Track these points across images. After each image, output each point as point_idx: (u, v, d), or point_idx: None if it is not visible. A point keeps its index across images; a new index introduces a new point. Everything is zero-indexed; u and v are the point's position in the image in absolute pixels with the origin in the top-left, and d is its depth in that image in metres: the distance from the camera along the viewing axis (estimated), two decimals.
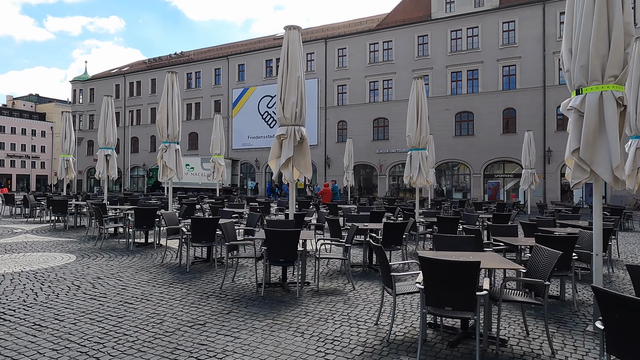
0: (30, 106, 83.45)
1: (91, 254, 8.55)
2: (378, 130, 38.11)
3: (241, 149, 44.69)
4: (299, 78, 7.71)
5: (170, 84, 11.09)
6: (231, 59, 45.97)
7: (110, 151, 14.00)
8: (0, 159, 67.07)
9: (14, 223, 14.02)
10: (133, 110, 51.93)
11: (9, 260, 7.72)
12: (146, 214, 9.01)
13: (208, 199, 18.74)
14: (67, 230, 12.19)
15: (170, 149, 10.90)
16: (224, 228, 6.22)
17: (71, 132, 17.66)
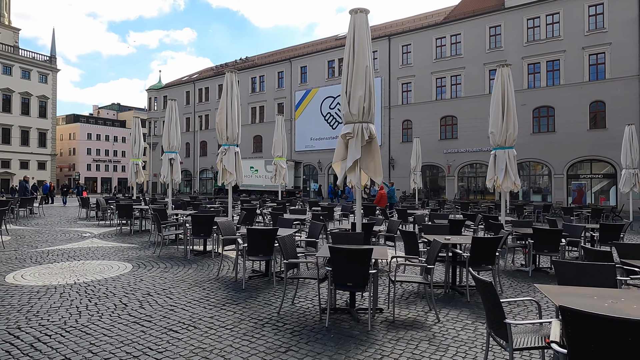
0: (112, 114, 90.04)
1: (148, 262, 8.10)
2: (445, 129, 35.90)
3: (304, 151, 44.40)
4: (367, 68, 6.64)
5: (230, 84, 10.51)
6: (294, 62, 45.88)
7: (174, 155, 13.82)
8: (87, 163, 72.77)
9: (86, 226, 14.31)
10: (202, 115, 53.70)
11: (67, 269, 7.42)
12: (203, 222, 8.41)
13: (270, 202, 18.21)
14: (132, 235, 12.08)
15: (229, 152, 10.32)
16: (282, 243, 5.31)
17: (140, 137, 17.97)
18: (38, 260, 8.13)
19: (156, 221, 9.00)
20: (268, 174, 36.77)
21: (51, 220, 16.24)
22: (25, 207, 16.85)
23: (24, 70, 56.83)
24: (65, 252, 9.18)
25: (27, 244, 10.15)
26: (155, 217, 8.99)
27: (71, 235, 11.95)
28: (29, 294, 5.80)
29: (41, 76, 58.84)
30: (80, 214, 18.41)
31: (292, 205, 16.28)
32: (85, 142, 72.80)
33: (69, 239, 11.10)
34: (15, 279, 6.62)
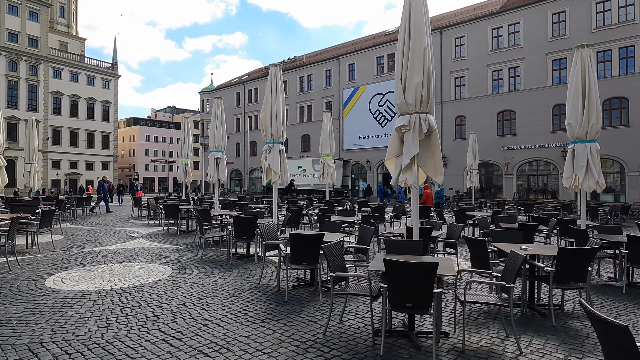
0: (168, 117, 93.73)
1: (188, 266, 7.66)
2: (503, 124, 33.65)
3: (352, 150, 43.53)
4: (425, 51, 5.75)
5: (274, 79, 9.93)
6: (342, 59, 45.10)
7: (220, 154, 13.53)
8: (146, 164, 76.17)
9: (136, 226, 14.36)
10: (251, 116, 54.29)
11: (107, 272, 7.13)
12: (245, 224, 7.86)
13: (318, 202, 17.56)
14: (178, 235, 11.86)
15: (274, 150, 9.75)
16: (329, 253, 4.57)
17: (190, 137, 17.97)
18: (82, 262, 7.94)
19: (198, 223, 8.59)
20: (316, 173, 36.27)
21: (105, 220, 16.57)
22: (83, 206, 17.32)
23: (89, 77, 60.23)
24: (110, 253, 8.99)
25: (76, 244, 10.14)
26: (198, 219, 8.58)
27: (120, 235, 11.92)
28: (63, 300, 5.47)
29: (104, 82, 62.14)
30: (133, 214, 18.75)
31: (340, 206, 15.55)
32: (143, 143, 76.25)
33: (117, 239, 11.04)
34: (55, 282, 6.37)
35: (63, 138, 56.63)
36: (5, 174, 12.44)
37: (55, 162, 55.79)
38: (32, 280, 6.52)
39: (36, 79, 53.76)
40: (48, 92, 54.91)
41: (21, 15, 52.45)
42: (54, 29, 59.86)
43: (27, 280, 6.49)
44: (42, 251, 9.05)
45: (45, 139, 54.47)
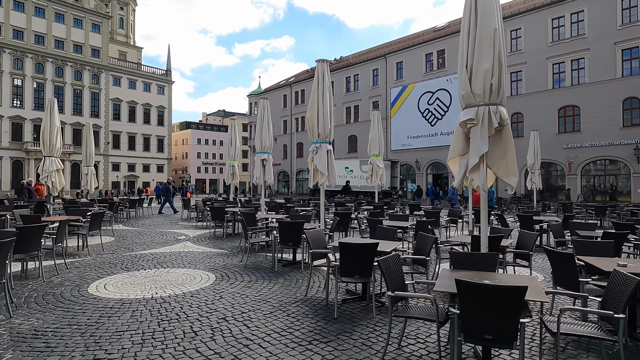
0: (218, 120, 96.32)
1: (232, 273, 7.25)
2: (565, 121, 31.22)
3: (400, 150, 42.28)
4: (495, 32, 4.93)
5: (321, 75, 9.36)
6: (389, 58, 43.99)
7: (266, 155, 13.19)
8: (197, 166, 78.63)
9: (185, 228, 14.35)
10: (298, 117, 54.35)
11: (150, 278, 6.86)
12: (291, 230, 7.35)
13: (366, 205, 16.83)
14: (224, 239, 11.60)
15: (321, 150, 9.18)
16: (385, 267, 3.91)
17: (237, 139, 17.83)
18: (127, 267, 7.77)
19: (243, 227, 8.19)
20: (363, 174, 35.46)
21: (156, 221, 16.79)
22: (135, 207, 17.70)
23: (146, 84, 63.00)
24: (156, 256, 8.81)
25: (125, 247, 10.11)
26: (242, 223, 8.18)
27: (167, 237, 11.85)
28: (102, 310, 5.18)
29: (159, 88, 64.77)
30: (182, 215, 18.94)
31: (390, 209, 14.74)
32: (195, 146, 78.77)
33: (164, 242, 10.93)
34: (98, 289, 6.15)
35: (122, 142, 59.54)
36: (62, 176, 12.79)
37: (115, 165, 58.74)
38: (76, 285, 6.36)
39: (98, 87, 56.90)
40: (109, 99, 57.97)
41: (85, 27, 55.74)
42: (113, 39, 63.20)
43: (71, 286, 6.33)
44: (91, 254, 9.04)
45: (106, 143, 57.53)
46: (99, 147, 56.69)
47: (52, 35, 52.63)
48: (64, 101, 53.05)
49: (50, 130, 12.46)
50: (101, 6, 58.32)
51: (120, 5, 66.24)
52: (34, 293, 5.94)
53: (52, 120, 12.50)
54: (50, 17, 52.47)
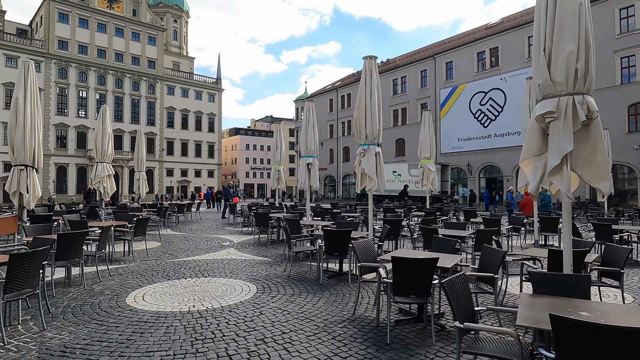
0: (266, 126, 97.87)
1: (274, 285, 6.76)
2: (636, 119, 28.42)
3: (451, 153, 40.50)
4: (581, 7, 4.10)
5: (369, 73, 8.74)
6: (438, 58, 42.43)
7: (311, 159, 12.72)
8: (246, 171, 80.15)
9: (230, 233, 14.16)
10: (344, 121, 53.83)
11: (189, 288, 6.52)
12: (337, 239, 6.75)
13: (416, 210, 15.89)
14: (268, 245, 11.21)
15: (369, 153, 8.54)
16: (451, 291, 3.20)
17: (282, 143, 17.55)
18: (169, 275, 7.50)
19: (286, 235, 7.69)
20: (412, 179, 34.27)
21: (203, 226, 16.80)
22: (184, 212, 17.84)
23: (197, 92, 65.09)
24: (199, 264, 8.53)
25: (169, 252, 9.95)
26: (286, 230, 7.68)
27: (212, 243, 11.64)
28: (136, 324, 4.84)
29: (210, 96, 66.69)
30: (229, 220, 18.89)
31: (443, 215, 13.75)
32: (244, 152, 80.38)
33: (208, 248, 10.70)
34: (136, 300, 5.87)
35: (175, 149, 61.76)
36: (113, 181, 13.00)
37: (169, 171, 61.00)
38: (115, 295, 6.12)
39: (154, 96, 59.47)
40: (163, 108, 60.41)
41: (142, 40, 58.52)
42: (168, 50, 65.93)
43: (110, 295, 6.10)
44: (136, 260, 8.91)
45: (161, 150, 59.92)
46: (154, 153, 59.15)
47: (113, 49, 55.67)
48: (123, 111, 55.89)
49: (102, 136, 12.71)
50: (157, 20, 61.05)
51: (174, 18, 69.10)
52: (72, 302, 5.75)
53: (103, 127, 12.75)
54: (111, 32, 55.54)
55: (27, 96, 8.20)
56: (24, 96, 8.18)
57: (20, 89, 8.19)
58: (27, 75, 8.30)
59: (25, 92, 8.21)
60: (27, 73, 8.32)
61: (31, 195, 8.15)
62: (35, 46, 49.95)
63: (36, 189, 8.29)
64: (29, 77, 8.31)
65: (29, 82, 8.30)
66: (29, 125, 8.17)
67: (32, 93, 8.30)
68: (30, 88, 8.30)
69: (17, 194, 8.09)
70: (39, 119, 8.41)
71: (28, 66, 8.37)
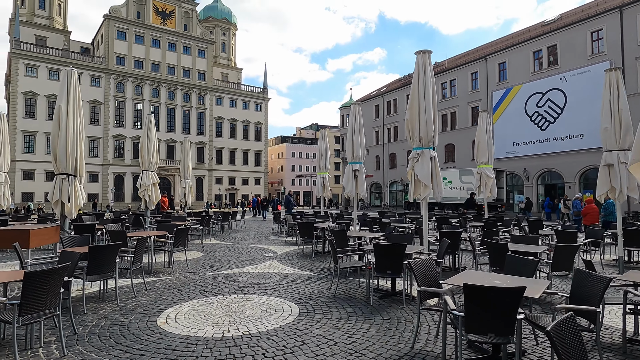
0: (311, 134, 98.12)
1: (319, 306, 6.00)
2: None
3: (505, 158, 38.08)
4: None
5: (422, 69, 7.85)
6: (490, 59, 40.31)
7: (358, 166, 11.93)
8: (292, 178, 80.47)
9: (274, 243, 13.60)
10: (390, 127, 52.55)
11: (226, 307, 5.90)
12: (389, 255, 5.89)
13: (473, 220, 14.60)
14: (313, 257, 10.48)
15: (423, 158, 7.62)
16: (559, 339, 2.29)
17: (327, 149, 16.88)
18: (206, 290, 6.95)
19: (332, 248, 6.93)
20: (463, 185, 32.49)
21: (247, 235, 16.40)
22: (228, 221, 17.58)
23: (244, 102, 66.33)
24: (239, 278, 7.95)
25: (210, 264, 9.48)
26: (331, 244, 6.92)
27: (254, 254, 11.09)
28: (162, 353, 4.25)
29: (257, 105, 67.73)
30: (273, 229, 18.42)
31: (503, 225, 12.40)
32: (290, 159, 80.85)
33: (251, 260, 10.14)
34: (167, 321, 5.32)
35: (224, 157, 63.10)
36: (158, 189, 12.87)
37: (218, 179, 62.32)
38: (147, 314, 5.61)
39: (203, 107, 61.20)
40: (212, 118, 61.99)
41: (192, 54, 60.54)
42: (217, 62, 67.81)
43: (142, 314, 5.60)
44: (175, 272, 8.50)
45: (210, 158, 61.41)
46: (204, 162, 60.71)
47: (166, 62, 57.96)
48: (175, 121, 57.89)
49: (147, 145, 12.63)
50: (206, 33, 63.00)
51: (222, 31, 71.08)
52: (102, 321, 5.29)
53: (149, 135, 12.66)
54: (164, 46, 57.89)
55: (69, 104, 8.05)
56: (67, 104, 8.04)
57: (62, 97, 8.05)
58: (69, 83, 8.17)
59: (68, 100, 8.07)
60: (70, 82, 8.19)
61: (72, 205, 7.96)
62: (97, 63, 52.93)
63: (78, 198, 8.10)
64: (71, 86, 8.17)
65: (72, 90, 8.15)
66: (71, 134, 8.01)
67: (74, 101, 8.15)
68: (73, 96, 8.15)
69: (59, 203, 7.94)
70: (81, 128, 8.24)
71: (70, 74, 8.24)
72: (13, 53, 47.29)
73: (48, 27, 56.47)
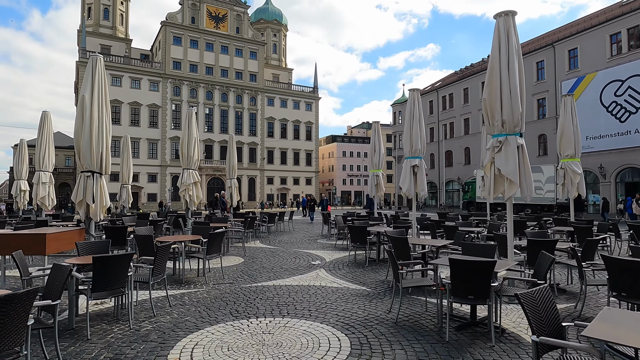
0: (363, 132, 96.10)
1: (375, 338, 4.53)
2: None
3: None
4: None
5: (504, 34, 6.18)
6: (558, 46, 36.55)
7: (417, 161, 10.31)
8: (343, 178, 79.01)
9: (322, 248, 12.25)
10: (446, 124, 49.62)
11: (257, 337, 4.62)
12: (471, 274, 4.31)
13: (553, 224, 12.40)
14: (366, 266, 9.01)
15: (507, 147, 5.93)
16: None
17: (380, 145, 15.31)
18: (237, 310, 5.72)
19: (391, 261, 5.43)
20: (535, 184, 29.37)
21: (294, 238, 15.20)
22: (274, 222, 16.49)
23: (295, 102, 65.90)
24: (279, 292, 6.67)
25: (248, 274, 8.30)
26: (390, 256, 5.43)
27: (300, 261, 9.80)
28: None
29: (307, 105, 67.07)
30: (322, 230, 17.09)
31: (600, 231, 10.17)
32: (340, 159, 79.43)
33: (295, 268, 8.86)
34: (182, 356, 4.11)
35: (275, 157, 63.00)
36: (200, 189, 11.99)
37: (270, 179, 62.32)
38: (160, 343, 4.45)
39: (255, 108, 61.45)
40: (264, 119, 62.10)
41: (244, 56, 60.98)
42: (268, 64, 67.94)
43: (155, 342, 4.46)
44: (208, 282, 7.39)
45: (262, 159, 61.53)
46: (256, 162, 60.94)
47: (219, 65, 58.79)
48: (227, 123, 58.52)
49: (188, 141, 11.78)
50: (257, 35, 63.24)
51: (273, 32, 71.17)
52: (104, 352, 4.19)
53: (189, 132, 11.81)
54: (217, 50, 58.74)
55: (94, 95, 7.17)
56: (91, 95, 7.17)
57: (87, 87, 7.17)
58: (94, 72, 7.27)
59: (93, 90, 7.18)
60: (95, 70, 7.28)
61: (98, 205, 7.09)
62: (155, 68, 54.67)
63: (104, 199, 7.23)
64: (96, 75, 7.28)
65: (97, 79, 7.25)
66: (96, 127, 7.13)
67: (99, 92, 7.25)
68: (98, 86, 7.25)
69: (83, 204, 7.11)
70: (107, 119, 7.34)
71: (96, 61, 7.33)
72: (80, 62, 49.88)
73: (111, 36, 59.24)
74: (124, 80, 52.28)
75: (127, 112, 52.27)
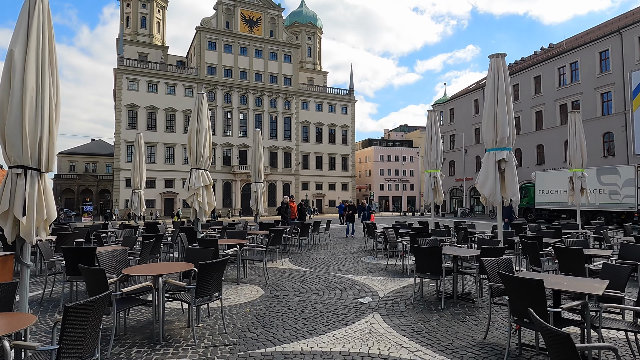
0: (400, 135, 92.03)
1: None
2: None
3: None
4: None
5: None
6: (626, 33, 31.83)
7: (506, 153, 7.22)
8: (380, 183, 75.28)
9: (370, 271, 9.19)
10: None
11: None
12: None
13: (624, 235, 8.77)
14: (442, 308, 5.93)
15: None
16: None
17: (438, 140, 12.19)
18: None
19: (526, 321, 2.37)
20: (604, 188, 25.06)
21: (332, 254, 12.22)
22: (309, 233, 13.58)
23: (330, 105, 63.23)
24: None
25: (265, 321, 5.42)
26: (519, 315, 2.37)
27: (342, 295, 6.82)
28: None
29: (343, 108, 64.23)
30: (366, 245, 13.98)
31: None
32: (378, 163, 75.79)
33: (337, 310, 5.88)
34: None
35: (310, 162, 60.44)
36: (212, 193, 9.34)
37: (305, 184, 59.78)
38: None
39: (290, 112, 59.26)
40: (299, 123, 59.79)
41: (278, 59, 59.05)
42: (302, 67, 65.75)
43: None
44: (198, 342, 4.57)
45: (297, 164, 59.15)
46: (291, 167, 58.64)
47: (253, 69, 57.12)
48: (262, 127, 56.58)
49: (197, 136, 9.18)
50: (292, 38, 61.22)
51: (308, 35, 69.02)
52: None
53: (199, 122, 9.22)
54: (252, 54, 57.12)
55: (30, 47, 4.60)
56: (25, 48, 4.62)
57: (19, 35, 4.56)
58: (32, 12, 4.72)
59: (28, 41, 4.63)
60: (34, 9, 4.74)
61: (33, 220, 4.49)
62: (190, 74, 53.65)
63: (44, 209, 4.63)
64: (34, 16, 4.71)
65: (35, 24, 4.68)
66: (31, 98, 4.59)
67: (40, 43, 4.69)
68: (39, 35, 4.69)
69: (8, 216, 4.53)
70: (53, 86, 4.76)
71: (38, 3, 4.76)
72: (118, 69, 49.49)
73: (148, 44, 58.97)
74: (160, 86, 51.49)
75: (162, 118, 51.38)
